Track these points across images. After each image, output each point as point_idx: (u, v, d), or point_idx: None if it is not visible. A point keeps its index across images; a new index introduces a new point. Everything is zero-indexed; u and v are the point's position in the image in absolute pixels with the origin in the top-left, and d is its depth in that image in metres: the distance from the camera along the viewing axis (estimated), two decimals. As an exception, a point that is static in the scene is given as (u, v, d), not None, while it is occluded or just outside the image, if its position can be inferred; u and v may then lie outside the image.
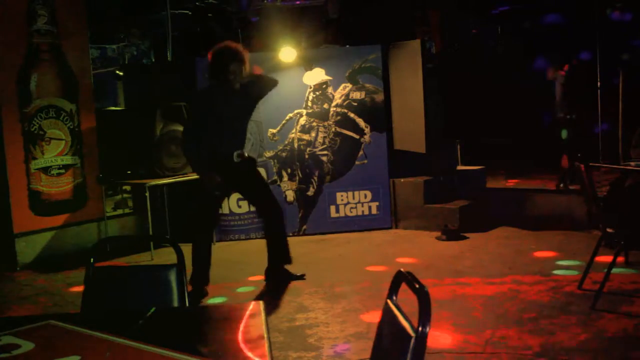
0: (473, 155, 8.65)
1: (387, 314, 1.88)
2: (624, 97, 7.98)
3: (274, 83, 5.42)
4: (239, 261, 6.25)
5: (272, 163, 7.19)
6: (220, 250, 5.74)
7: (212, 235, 5.56)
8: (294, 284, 5.35)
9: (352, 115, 7.27)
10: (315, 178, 7.27)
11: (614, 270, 4.51)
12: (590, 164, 4.82)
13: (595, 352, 3.72)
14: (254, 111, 5.56)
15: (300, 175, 7.25)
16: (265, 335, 2.03)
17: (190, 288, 5.02)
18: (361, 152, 7.31)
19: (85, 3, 7.02)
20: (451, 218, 6.96)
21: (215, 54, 5.12)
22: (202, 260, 5.20)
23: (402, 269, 1.86)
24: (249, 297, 5.16)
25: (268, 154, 7.18)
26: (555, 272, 5.33)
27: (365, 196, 7.34)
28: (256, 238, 6.96)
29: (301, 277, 5.45)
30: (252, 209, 6.68)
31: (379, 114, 7.31)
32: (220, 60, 5.08)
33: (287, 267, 5.47)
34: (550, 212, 7.09)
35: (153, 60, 9.74)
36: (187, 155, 5.44)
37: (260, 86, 5.33)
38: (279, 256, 5.40)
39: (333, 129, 7.26)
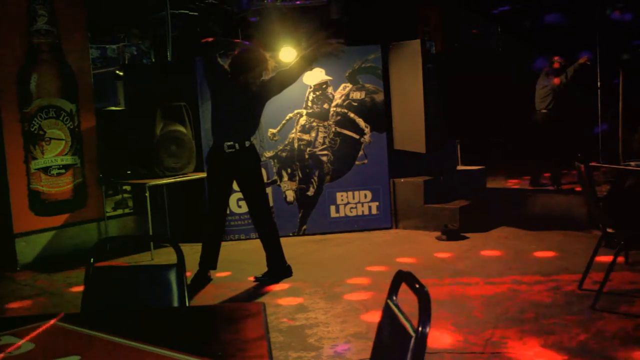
0: (473, 155, 8.67)
1: (387, 314, 1.88)
2: (623, 97, 7.99)
3: (300, 72, 5.40)
4: (241, 261, 6.26)
5: (272, 163, 7.20)
6: (220, 250, 5.74)
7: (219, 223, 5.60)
8: (294, 284, 5.35)
9: (352, 115, 7.28)
10: (315, 178, 7.27)
11: (614, 270, 4.51)
12: (590, 164, 4.81)
13: (595, 352, 3.72)
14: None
15: (300, 175, 7.25)
16: (265, 335, 2.03)
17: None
18: (361, 152, 7.31)
19: (85, 3, 7.02)
20: (451, 218, 6.96)
21: (242, 56, 5.18)
22: (209, 245, 5.46)
23: (402, 269, 1.87)
24: (248, 297, 5.17)
25: (268, 154, 7.18)
26: (555, 272, 5.33)
27: (365, 196, 7.34)
28: (256, 238, 6.96)
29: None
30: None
31: (379, 114, 7.31)
32: (244, 62, 5.16)
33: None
34: (550, 212, 7.09)
35: (153, 60, 9.73)
36: None
37: (277, 83, 5.35)
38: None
39: (333, 129, 7.26)
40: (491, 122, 8.97)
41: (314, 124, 7.24)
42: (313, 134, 7.24)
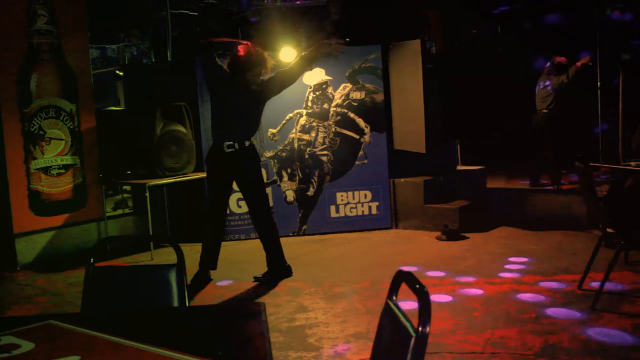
0: (473, 156, 8.67)
1: (387, 314, 1.88)
2: (623, 97, 8.00)
3: (300, 72, 5.41)
4: (241, 261, 6.26)
5: (272, 163, 7.20)
6: (220, 250, 5.74)
7: (219, 223, 5.60)
8: (294, 284, 5.35)
9: (352, 115, 7.28)
10: (315, 178, 7.27)
11: (614, 270, 4.51)
12: (590, 164, 4.81)
13: (595, 352, 3.72)
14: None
15: (300, 175, 7.25)
16: (265, 335, 2.03)
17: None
18: (361, 152, 7.31)
19: (85, 3, 7.02)
20: (451, 218, 6.96)
21: (241, 56, 5.19)
22: (209, 245, 5.47)
23: (402, 269, 1.87)
24: (248, 297, 5.17)
25: (268, 154, 7.18)
26: (555, 272, 5.33)
27: (365, 196, 7.34)
28: (256, 238, 6.95)
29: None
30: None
31: (379, 114, 7.32)
32: (243, 61, 5.17)
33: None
34: (550, 212, 7.09)
35: (153, 60, 9.73)
36: None
37: (277, 83, 5.35)
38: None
39: (333, 129, 7.26)
40: (491, 122, 8.98)
41: (314, 124, 7.24)
42: (313, 134, 7.24)
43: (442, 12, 10.20)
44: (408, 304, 2.33)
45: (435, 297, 4.74)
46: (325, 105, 7.25)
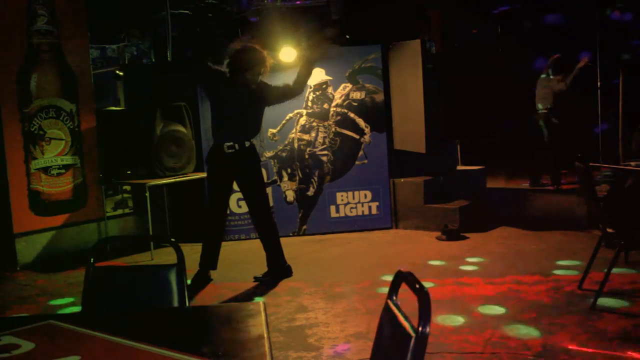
0: (473, 156, 8.67)
1: (387, 314, 1.88)
2: (623, 97, 8.00)
3: (300, 90, 5.47)
4: (241, 261, 6.26)
5: (272, 163, 7.20)
6: (220, 250, 5.75)
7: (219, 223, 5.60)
8: (294, 284, 5.35)
9: (352, 115, 7.28)
10: (315, 178, 7.27)
11: (614, 270, 4.51)
12: (590, 164, 4.81)
13: (596, 352, 3.72)
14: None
15: (300, 175, 7.25)
16: (265, 335, 2.03)
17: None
18: (361, 152, 7.31)
19: (85, 3, 7.02)
20: (451, 218, 6.96)
21: (240, 53, 5.20)
22: (209, 245, 5.47)
23: (402, 269, 1.86)
24: (248, 297, 5.17)
25: (268, 154, 7.18)
26: (555, 272, 5.33)
27: (365, 196, 7.34)
28: (256, 238, 6.95)
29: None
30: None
31: (379, 114, 7.32)
32: (243, 60, 5.18)
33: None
34: (550, 212, 7.09)
35: (153, 60, 9.73)
36: None
37: (279, 94, 5.41)
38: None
39: (333, 129, 7.26)
40: (491, 122, 8.98)
41: (314, 124, 7.24)
42: (313, 134, 7.24)
43: (442, 12, 10.20)
44: (408, 304, 2.33)
45: (435, 297, 4.75)
46: (325, 105, 7.25)
